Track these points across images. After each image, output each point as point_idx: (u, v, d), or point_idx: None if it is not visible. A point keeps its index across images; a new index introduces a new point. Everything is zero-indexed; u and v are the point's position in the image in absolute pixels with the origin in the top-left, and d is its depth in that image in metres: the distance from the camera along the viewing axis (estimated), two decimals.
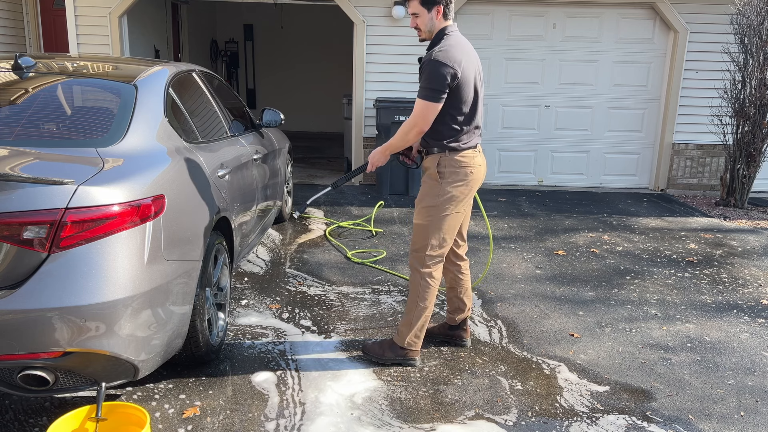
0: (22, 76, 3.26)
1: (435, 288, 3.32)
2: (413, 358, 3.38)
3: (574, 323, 4.04)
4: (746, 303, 4.48)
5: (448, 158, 3.19)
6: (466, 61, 3.11)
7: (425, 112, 3.08)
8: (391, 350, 3.38)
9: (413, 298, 3.33)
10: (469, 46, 3.22)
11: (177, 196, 2.88)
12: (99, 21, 7.68)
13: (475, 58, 3.22)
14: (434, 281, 3.31)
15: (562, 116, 8.28)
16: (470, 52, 3.19)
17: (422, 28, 3.20)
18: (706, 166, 8.27)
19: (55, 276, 2.35)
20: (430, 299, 3.32)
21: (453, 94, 3.09)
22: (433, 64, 3.05)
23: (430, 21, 3.17)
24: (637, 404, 3.11)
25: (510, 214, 6.79)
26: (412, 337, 3.35)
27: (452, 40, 3.13)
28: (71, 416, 2.47)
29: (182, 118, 3.52)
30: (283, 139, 5.85)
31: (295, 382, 3.18)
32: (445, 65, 3.03)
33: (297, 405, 2.97)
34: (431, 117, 3.10)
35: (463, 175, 3.21)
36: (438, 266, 3.31)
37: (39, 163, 2.61)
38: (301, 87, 12.65)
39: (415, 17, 3.19)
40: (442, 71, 3.03)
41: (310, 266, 4.90)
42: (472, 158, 3.23)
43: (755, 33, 7.03)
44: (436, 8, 3.13)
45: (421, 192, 3.29)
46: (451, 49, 3.07)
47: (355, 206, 6.91)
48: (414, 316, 3.32)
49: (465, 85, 3.11)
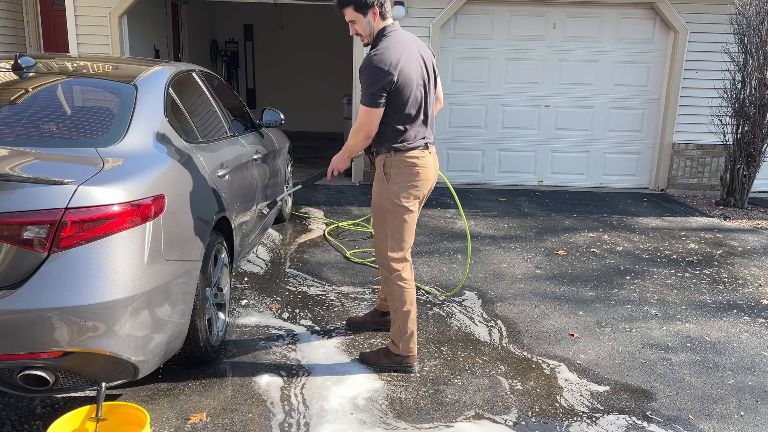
0: (22, 76, 3.26)
1: (410, 289, 3.27)
2: (410, 364, 3.32)
3: (574, 323, 4.04)
4: (746, 303, 4.48)
5: (394, 158, 3.13)
6: (407, 59, 3.02)
7: (368, 117, 3.04)
8: (387, 357, 3.34)
9: (393, 306, 3.29)
10: (413, 43, 3.13)
11: (177, 196, 2.88)
12: (99, 21, 7.67)
13: (419, 55, 3.12)
14: (406, 282, 3.26)
15: (562, 116, 8.28)
16: (411, 50, 3.08)
17: (362, 34, 3.13)
18: (706, 166, 8.27)
19: (55, 276, 2.35)
20: (409, 301, 3.26)
21: (392, 95, 3.02)
22: (368, 68, 2.98)
23: (368, 25, 3.10)
24: (637, 404, 3.11)
25: (510, 214, 6.79)
26: (406, 344, 3.30)
27: (390, 40, 3.05)
28: (71, 416, 2.47)
29: (182, 118, 3.52)
30: (283, 139, 5.85)
31: (296, 383, 3.18)
32: (379, 69, 2.95)
33: (298, 405, 2.97)
34: (374, 122, 3.05)
35: (410, 175, 3.14)
36: (405, 266, 3.25)
37: (39, 163, 2.62)
38: (301, 87, 12.65)
39: (353, 24, 3.13)
40: (377, 75, 2.96)
41: (310, 266, 4.90)
42: (419, 158, 3.15)
43: (755, 33, 7.03)
44: (371, 11, 3.06)
45: (373, 195, 3.25)
46: (386, 51, 2.99)
47: (355, 206, 6.91)
48: (400, 322, 3.27)
49: (405, 85, 3.02)
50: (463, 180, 8.33)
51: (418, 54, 3.13)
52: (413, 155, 3.14)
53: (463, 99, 8.09)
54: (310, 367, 3.33)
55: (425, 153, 3.18)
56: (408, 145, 3.12)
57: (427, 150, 3.20)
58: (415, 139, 3.14)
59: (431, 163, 3.22)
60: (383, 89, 2.98)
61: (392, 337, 3.33)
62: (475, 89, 8.14)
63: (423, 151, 3.17)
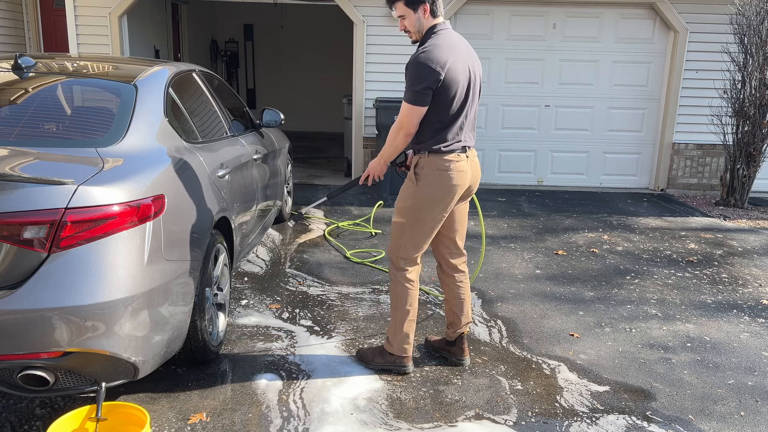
0: (22, 76, 3.26)
1: (413, 291, 3.22)
2: (405, 364, 3.29)
3: (574, 323, 4.04)
4: (746, 303, 4.48)
5: (427, 160, 3.06)
6: (454, 60, 2.97)
7: (410, 115, 2.99)
8: (382, 356, 3.32)
9: (394, 304, 3.25)
10: (462, 44, 3.08)
11: (177, 196, 2.88)
12: (99, 21, 7.68)
13: (467, 56, 3.07)
14: (411, 284, 3.21)
15: (562, 116, 8.28)
16: (461, 50, 3.04)
17: (411, 30, 3.08)
18: (706, 166, 8.27)
19: (55, 276, 2.35)
20: (410, 303, 3.21)
21: (437, 94, 2.96)
22: (415, 65, 2.94)
23: (417, 21, 3.04)
24: (637, 404, 3.11)
25: (510, 214, 6.78)
26: (401, 344, 3.26)
27: (439, 39, 3.00)
28: (71, 416, 2.47)
29: (182, 118, 3.52)
30: (283, 139, 5.85)
31: (297, 383, 3.18)
32: (426, 66, 2.91)
33: (298, 406, 2.97)
34: (416, 120, 2.99)
35: (440, 178, 3.05)
36: (413, 269, 3.21)
37: (39, 163, 2.61)
38: (301, 87, 12.65)
39: (403, 19, 3.08)
40: (424, 73, 2.91)
41: (310, 266, 4.90)
42: (454, 162, 3.06)
43: (755, 33, 7.03)
44: (422, 7, 3.01)
45: (400, 191, 3.20)
46: (435, 49, 2.94)
47: (355, 206, 6.91)
48: (398, 322, 3.24)
49: (451, 85, 2.97)
50: None
51: (466, 56, 3.07)
52: (448, 159, 3.04)
53: None
54: (310, 368, 3.33)
55: (461, 157, 3.08)
56: (444, 148, 3.03)
57: (464, 154, 3.10)
58: (452, 142, 3.05)
59: (465, 168, 3.10)
60: (429, 87, 2.92)
61: (388, 335, 3.32)
62: None
63: (459, 155, 3.08)
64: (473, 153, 3.20)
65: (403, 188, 3.18)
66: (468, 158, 3.13)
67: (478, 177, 3.24)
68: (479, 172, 3.26)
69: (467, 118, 3.10)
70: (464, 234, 3.36)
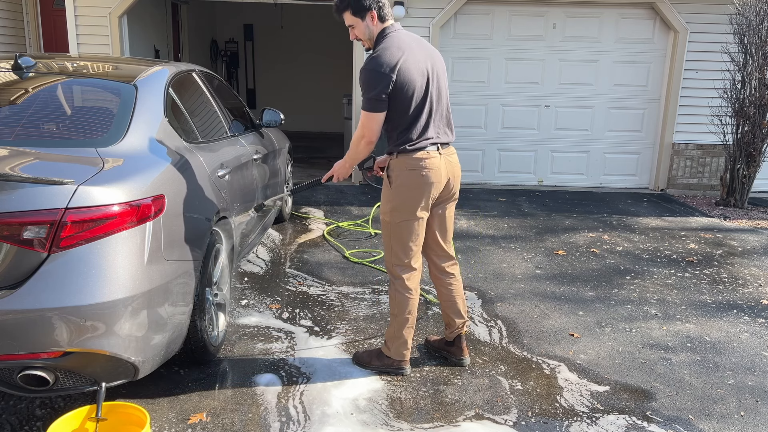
0: (22, 76, 3.26)
1: (413, 299, 3.20)
2: (402, 367, 3.28)
3: (574, 323, 4.04)
4: (746, 303, 4.48)
5: (397, 161, 3.04)
6: (405, 59, 2.92)
7: (368, 123, 2.97)
8: (379, 359, 3.31)
9: (393, 311, 3.23)
10: (414, 43, 3.03)
11: (177, 196, 2.88)
12: (99, 21, 7.67)
13: (422, 54, 3.02)
14: (411, 293, 3.17)
15: (562, 116, 8.28)
16: (413, 49, 2.99)
17: (362, 38, 3.06)
18: (706, 166, 8.27)
19: (55, 276, 2.35)
20: (410, 310, 3.20)
21: (394, 96, 2.93)
22: (365, 73, 2.91)
23: (367, 29, 3.02)
24: (637, 404, 3.11)
25: (510, 214, 6.78)
26: (399, 349, 3.25)
27: (387, 42, 2.97)
28: (71, 416, 2.47)
29: (182, 118, 3.52)
30: (283, 139, 5.85)
31: (297, 383, 3.18)
32: (376, 72, 2.88)
33: (298, 407, 2.97)
34: (376, 127, 2.98)
35: (412, 177, 3.02)
36: (410, 275, 3.17)
37: (39, 163, 2.61)
38: (301, 87, 12.65)
39: (353, 29, 3.06)
40: (374, 79, 2.89)
41: (310, 266, 4.90)
42: (424, 160, 3.01)
43: (755, 33, 7.03)
44: (370, 14, 2.99)
45: (381, 198, 3.20)
46: (383, 53, 2.91)
47: (355, 206, 6.91)
48: (397, 328, 3.23)
49: (406, 85, 2.92)
50: (463, 180, 8.21)
51: (421, 54, 3.03)
52: (417, 157, 3.01)
53: (463, 99, 8.08)
54: (310, 369, 3.33)
55: (432, 154, 3.04)
56: (410, 147, 3.00)
57: (436, 151, 3.06)
58: (419, 140, 3.02)
59: (437, 165, 3.05)
60: (382, 92, 2.90)
61: (386, 338, 3.31)
62: (475, 89, 8.14)
63: (429, 152, 3.03)
64: (450, 150, 3.17)
65: (382, 194, 3.18)
66: (441, 155, 3.09)
67: (457, 174, 3.20)
68: (458, 170, 3.22)
69: (433, 115, 3.07)
70: (450, 238, 3.33)
